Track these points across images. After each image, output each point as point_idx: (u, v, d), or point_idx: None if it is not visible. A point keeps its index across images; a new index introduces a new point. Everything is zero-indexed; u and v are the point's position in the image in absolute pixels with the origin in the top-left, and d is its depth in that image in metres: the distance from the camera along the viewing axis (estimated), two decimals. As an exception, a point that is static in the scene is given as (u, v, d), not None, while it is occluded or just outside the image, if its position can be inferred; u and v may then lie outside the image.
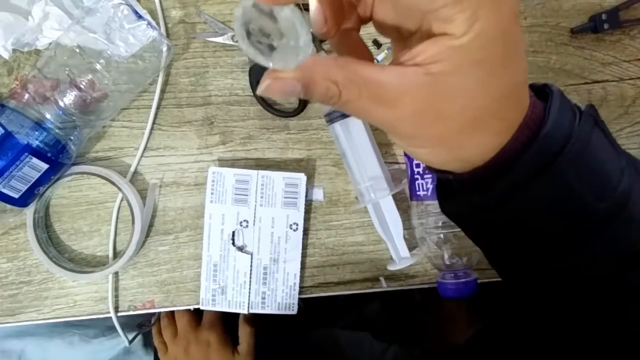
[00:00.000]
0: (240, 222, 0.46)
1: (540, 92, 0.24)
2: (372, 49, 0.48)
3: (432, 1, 0.19)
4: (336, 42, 0.26)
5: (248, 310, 0.47)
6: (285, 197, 0.46)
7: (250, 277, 0.47)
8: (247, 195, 0.46)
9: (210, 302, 0.47)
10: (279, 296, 0.47)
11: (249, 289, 0.47)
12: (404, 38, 0.22)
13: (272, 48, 0.20)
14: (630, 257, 0.23)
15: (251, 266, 0.47)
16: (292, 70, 0.20)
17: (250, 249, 0.47)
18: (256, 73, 0.48)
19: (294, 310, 0.48)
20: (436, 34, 0.20)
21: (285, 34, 0.20)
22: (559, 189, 0.22)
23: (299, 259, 0.47)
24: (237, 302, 0.47)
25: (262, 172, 0.46)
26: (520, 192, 0.22)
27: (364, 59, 0.24)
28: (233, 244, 0.47)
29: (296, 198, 0.46)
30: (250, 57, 0.20)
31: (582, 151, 0.22)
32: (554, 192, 0.22)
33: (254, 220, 0.47)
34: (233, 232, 0.47)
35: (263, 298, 0.47)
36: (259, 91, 0.21)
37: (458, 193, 0.25)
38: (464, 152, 0.22)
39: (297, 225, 0.47)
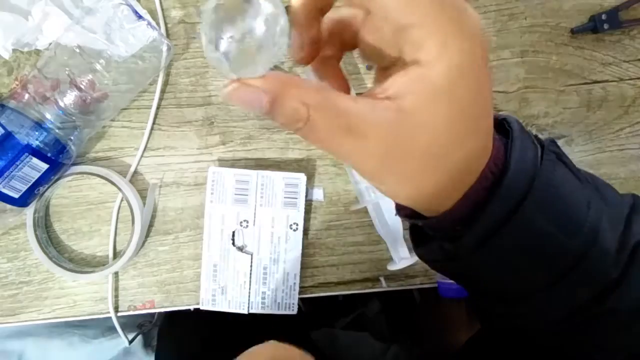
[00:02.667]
0: (240, 222, 0.46)
1: (499, 125, 0.24)
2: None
3: (404, 15, 0.19)
4: (315, 69, 0.25)
5: (248, 310, 0.47)
6: (285, 197, 0.46)
7: (250, 277, 0.47)
8: (247, 195, 0.46)
9: (210, 302, 0.47)
10: (279, 296, 0.47)
11: (249, 289, 0.47)
12: (387, 67, 0.22)
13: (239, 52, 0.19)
14: (605, 286, 0.23)
15: (251, 266, 0.47)
16: (261, 77, 0.19)
17: (250, 249, 0.47)
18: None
19: (294, 311, 0.48)
20: (408, 63, 0.19)
21: (260, 26, 0.19)
22: (528, 232, 0.22)
23: (299, 258, 0.47)
24: (237, 302, 0.47)
25: (262, 172, 0.46)
26: (489, 241, 0.22)
27: (340, 89, 0.24)
28: (233, 244, 0.47)
29: (296, 198, 0.46)
30: (213, 63, 0.19)
31: (547, 191, 0.21)
32: (524, 236, 0.22)
33: (254, 220, 0.47)
34: (233, 232, 0.47)
35: (263, 298, 0.47)
36: (220, 95, 0.20)
37: (430, 239, 0.24)
38: (425, 190, 0.21)
39: (297, 225, 0.47)
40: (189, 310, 0.50)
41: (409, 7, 0.18)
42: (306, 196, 0.47)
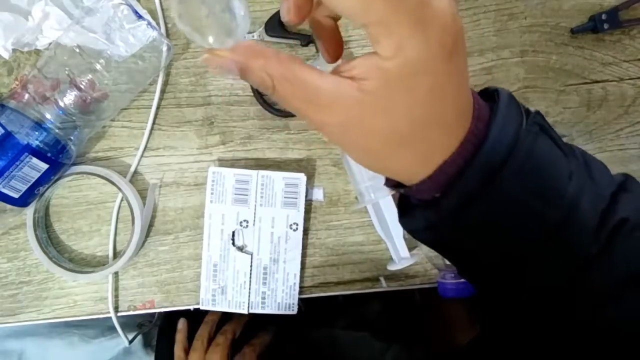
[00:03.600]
0: (240, 222, 0.46)
1: (491, 96, 0.24)
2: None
3: (361, 16, 0.20)
4: (312, 27, 0.26)
5: (248, 310, 0.47)
6: (285, 197, 0.46)
7: (250, 277, 0.47)
8: (247, 195, 0.46)
9: (210, 302, 0.47)
10: (279, 296, 0.47)
11: (249, 289, 0.47)
12: None
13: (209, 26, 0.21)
14: (584, 261, 0.23)
15: (251, 266, 0.47)
16: (229, 49, 0.21)
17: (250, 249, 0.47)
18: (256, 73, 0.48)
19: (294, 310, 0.48)
20: (371, 50, 0.21)
21: (223, 7, 0.21)
22: (507, 200, 0.22)
23: (299, 259, 0.47)
24: (237, 302, 0.47)
25: (262, 172, 0.46)
26: (466, 208, 0.22)
27: (334, 47, 0.26)
28: (233, 244, 0.47)
29: (296, 198, 0.46)
30: (187, 35, 0.21)
31: (526, 161, 0.22)
32: (502, 203, 0.22)
33: (254, 220, 0.47)
34: (233, 232, 0.47)
35: (263, 298, 0.47)
36: (201, 59, 0.22)
37: (413, 209, 0.25)
38: (391, 165, 0.23)
39: (297, 225, 0.47)
40: (189, 310, 0.50)
41: (365, 9, 0.19)
42: (306, 196, 0.47)
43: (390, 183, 0.26)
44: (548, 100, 0.49)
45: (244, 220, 0.46)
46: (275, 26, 0.47)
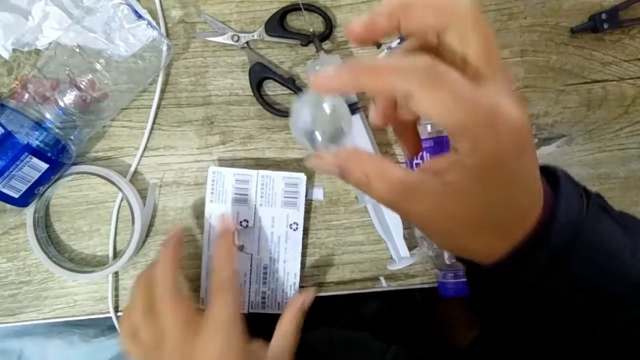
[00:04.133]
0: (240, 222, 0.46)
1: (547, 173, 0.27)
2: (372, 48, 0.49)
3: (447, 118, 0.22)
4: (393, 127, 0.31)
5: (248, 310, 0.47)
6: (285, 197, 0.46)
7: (250, 277, 0.47)
8: (247, 195, 0.46)
9: None
10: (279, 296, 0.47)
11: (249, 288, 0.47)
12: None
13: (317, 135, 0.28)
14: None
15: (251, 266, 0.47)
16: (332, 154, 0.25)
17: (250, 248, 0.47)
18: (256, 73, 0.48)
19: None
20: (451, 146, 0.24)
21: (329, 123, 0.27)
22: (572, 280, 0.24)
23: (299, 258, 0.47)
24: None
25: (262, 172, 0.46)
26: (536, 285, 0.25)
27: (413, 143, 0.31)
28: (233, 243, 0.47)
29: (296, 197, 0.46)
30: (297, 140, 0.28)
31: (591, 243, 0.24)
32: (568, 283, 0.24)
33: (254, 220, 0.47)
34: (233, 232, 0.47)
35: (263, 298, 0.47)
36: (307, 163, 0.27)
37: (487, 280, 0.28)
38: (470, 246, 0.26)
39: (297, 224, 0.47)
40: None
41: (444, 114, 0.22)
42: (306, 196, 0.47)
43: (461, 260, 0.29)
44: (548, 100, 0.49)
45: (244, 220, 0.46)
46: (276, 26, 0.47)
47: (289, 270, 0.47)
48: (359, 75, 0.24)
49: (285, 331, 0.43)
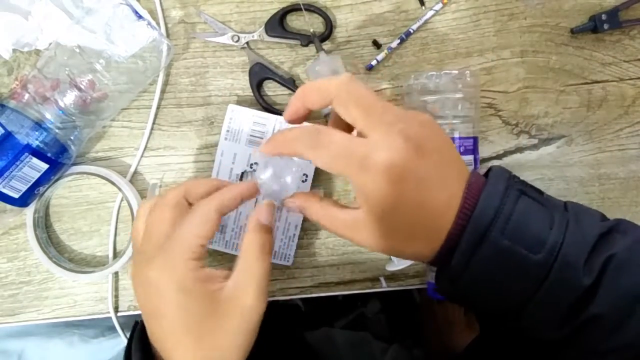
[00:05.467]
0: (251, 165, 0.46)
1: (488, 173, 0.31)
2: (372, 49, 0.49)
3: (328, 171, 0.31)
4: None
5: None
6: None
7: None
8: (262, 138, 0.46)
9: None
10: (277, 245, 0.47)
11: None
12: None
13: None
14: (582, 293, 0.28)
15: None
16: (292, 199, 0.35)
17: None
18: (256, 73, 0.48)
19: (289, 262, 0.47)
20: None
21: (282, 174, 0.35)
22: (498, 251, 0.28)
23: None
24: (234, 244, 0.47)
25: (280, 118, 0.46)
26: (468, 262, 0.29)
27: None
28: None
29: None
30: (266, 190, 0.36)
31: (508, 220, 0.28)
32: (495, 254, 0.28)
33: None
34: (242, 173, 0.46)
35: None
36: (284, 206, 0.36)
37: (440, 276, 0.32)
38: (406, 251, 0.31)
39: (306, 177, 0.46)
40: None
41: (327, 166, 0.30)
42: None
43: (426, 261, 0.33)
44: (548, 100, 0.49)
45: (255, 163, 0.46)
46: (276, 26, 0.47)
47: (290, 220, 0.47)
48: (276, 146, 0.32)
49: (246, 257, 0.33)
